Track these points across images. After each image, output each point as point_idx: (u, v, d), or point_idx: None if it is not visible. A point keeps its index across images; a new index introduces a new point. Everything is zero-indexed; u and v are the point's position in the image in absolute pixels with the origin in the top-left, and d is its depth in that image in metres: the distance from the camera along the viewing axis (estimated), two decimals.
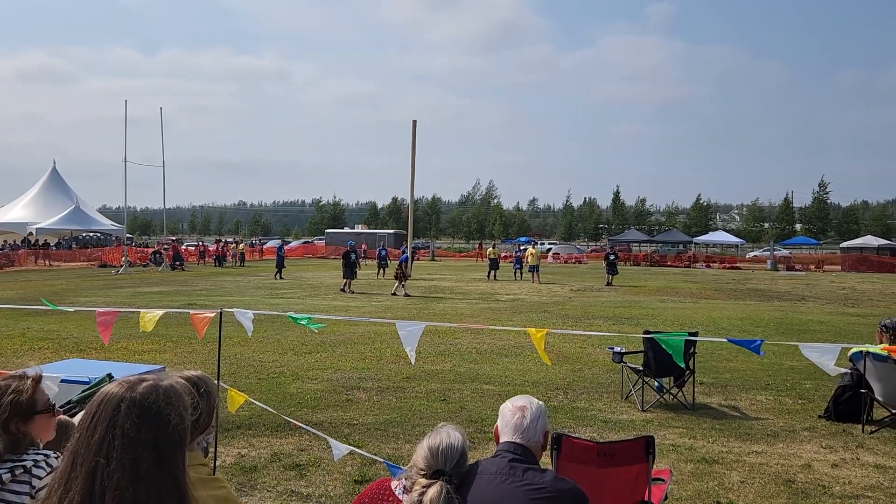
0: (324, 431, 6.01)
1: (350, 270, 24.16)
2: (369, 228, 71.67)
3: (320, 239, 63.90)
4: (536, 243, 37.43)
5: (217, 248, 42.79)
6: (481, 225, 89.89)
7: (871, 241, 50.76)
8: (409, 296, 21.56)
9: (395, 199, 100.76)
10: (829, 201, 77.09)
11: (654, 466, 4.83)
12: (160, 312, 5.59)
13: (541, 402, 2.69)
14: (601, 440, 5.54)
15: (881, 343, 7.13)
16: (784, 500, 5.01)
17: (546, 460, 3.65)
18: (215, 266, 39.55)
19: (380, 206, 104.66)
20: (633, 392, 7.93)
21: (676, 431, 6.76)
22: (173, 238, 51.00)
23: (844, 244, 53.96)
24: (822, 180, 75.75)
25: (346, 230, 67.18)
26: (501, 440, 2.60)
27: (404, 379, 9.03)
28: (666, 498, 3.96)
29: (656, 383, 8.04)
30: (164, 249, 39.24)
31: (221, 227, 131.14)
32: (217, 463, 5.41)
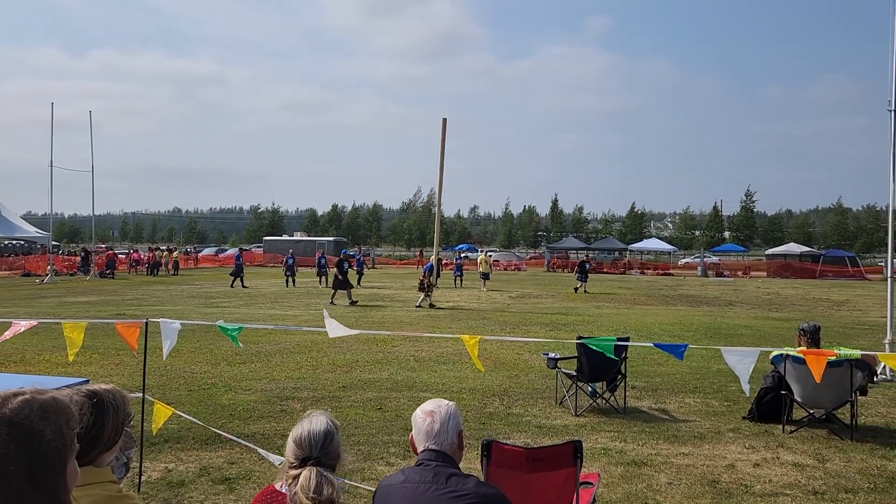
0: (256, 443, 5.89)
1: (345, 281, 22.01)
2: (309, 236, 70.80)
3: (258, 246, 62.72)
4: (488, 251, 37.78)
5: (150, 255, 41.39)
6: (422, 232, 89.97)
7: (794, 248, 53.01)
8: (433, 307, 20.37)
9: (335, 207, 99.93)
10: (755, 210, 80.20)
11: (584, 470, 4.91)
12: (84, 323, 5.38)
13: (451, 404, 2.71)
14: (535, 445, 5.61)
15: (800, 346, 7.45)
16: (709, 500, 5.17)
17: (477, 466, 3.67)
18: (148, 275, 38.38)
19: (320, 213, 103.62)
20: (567, 397, 8.05)
21: (608, 435, 6.89)
22: (104, 245, 49.26)
23: (769, 251, 56.18)
24: (748, 190, 78.81)
25: (285, 238, 66.17)
26: (418, 449, 2.63)
27: (340, 388, 8.94)
28: (594, 501, 4.03)
29: (589, 388, 8.20)
30: (96, 255, 37.86)
31: (155, 235, 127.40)
32: (142, 479, 5.24)
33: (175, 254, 43.73)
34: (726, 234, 76.95)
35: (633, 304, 23.23)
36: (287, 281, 30.17)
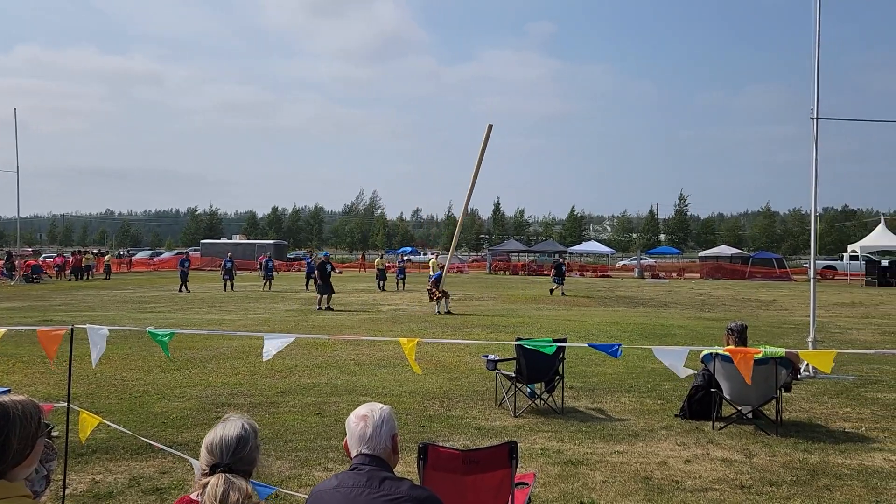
0: (188, 452, 5.73)
1: (327, 285, 21.01)
2: (248, 239, 69.51)
3: (195, 250, 61.20)
4: (438, 254, 37.64)
5: (75, 259, 39.59)
6: (364, 235, 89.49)
7: (725, 250, 54.80)
8: (450, 313, 19.70)
9: (275, 209, 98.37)
10: (689, 213, 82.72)
11: (521, 471, 4.97)
12: (2, 330, 5.14)
13: (385, 407, 2.71)
14: (473, 447, 5.64)
15: (728, 345, 7.71)
16: (642, 496, 5.29)
17: (413, 469, 3.67)
18: (76, 279, 36.96)
19: (260, 215, 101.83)
20: (506, 398, 8.12)
21: (546, 435, 6.99)
22: (30, 248, 47.21)
23: (702, 253, 57.94)
24: (682, 193, 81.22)
25: (224, 241, 64.84)
26: (352, 453, 2.62)
27: (278, 393, 8.81)
28: (529, 501, 4.08)
29: (528, 389, 8.29)
30: (21, 259, 36.24)
31: (86, 238, 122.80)
32: (66, 492, 5.04)
33: (107, 257, 42.29)
34: (662, 236, 79.11)
35: (572, 305, 23.62)
36: (225, 285, 29.55)
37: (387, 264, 33.07)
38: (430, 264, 27.20)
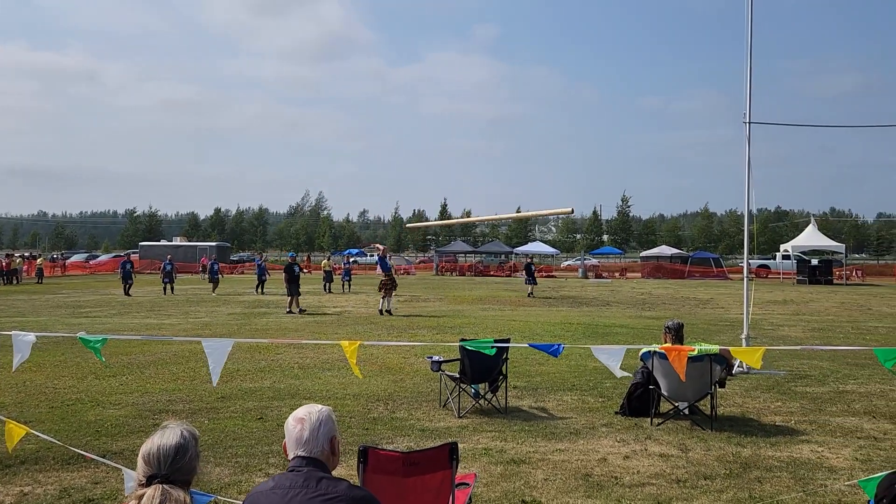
0: (123, 461, 5.57)
1: (295, 286, 20.68)
2: (190, 241, 67.95)
3: (134, 252, 59.49)
4: (390, 256, 37.44)
5: (2, 262, 37.87)
6: (310, 237, 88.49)
7: (665, 250, 56.29)
8: (390, 313, 19.67)
9: (218, 210, 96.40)
10: (631, 214, 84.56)
11: (463, 471, 5.00)
12: None
13: (324, 409, 2.69)
14: (417, 448, 5.64)
15: (665, 343, 7.91)
16: (581, 493, 5.39)
17: (355, 473, 3.65)
18: (3, 284, 35.43)
19: (202, 217, 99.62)
20: (450, 399, 8.15)
21: (489, 435, 7.04)
22: None
23: (644, 253, 59.37)
24: (624, 195, 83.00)
25: (164, 243, 63.29)
26: (289, 456, 2.60)
27: (219, 399, 8.63)
28: (470, 501, 4.10)
29: (472, 389, 8.34)
30: None
31: (16, 241, 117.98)
32: None
33: (39, 260, 40.73)
34: (605, 237, 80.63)
35: (517, 305, 23.86)
36: (165, 288, 28.81)
37: (333, 266, 32.76)
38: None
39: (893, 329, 17.06)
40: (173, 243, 60.67)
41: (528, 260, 32.15)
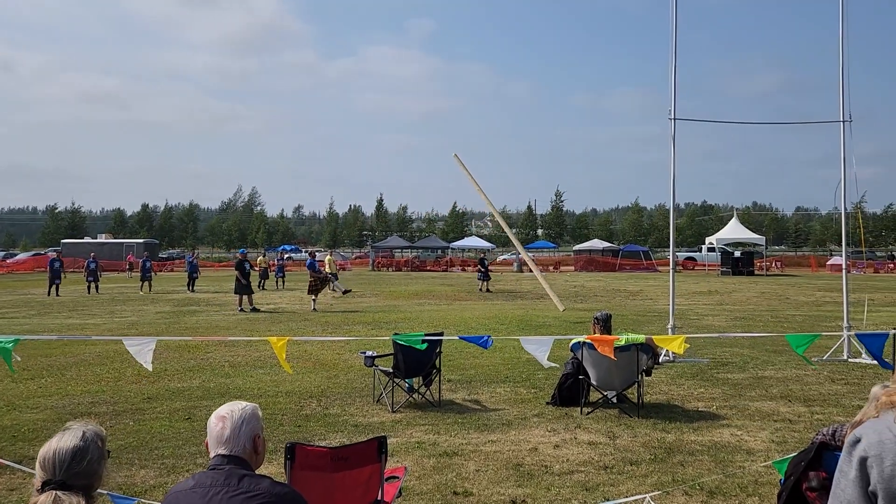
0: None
1: (247, 285, 19.85)
2: (115, 238, 65.52)
3: (56, 250, 56.96)
4: (333, 251, 36.86)
5: None
6: (243, 233, 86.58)
7: (597, 244, 57.52)
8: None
9: (145, 206, 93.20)
10: (564, 209, 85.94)
11: (396, 465, 5.01)
12: None
13: (249, 406, 2.66)
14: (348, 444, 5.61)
15: (595, 333, 8.10)
16: (512, 482, 5.47)
17: (283, 471, 3.61)
18: None
19: (129, 213, 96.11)
20: (384, 394, 8.14)
21: (423, 429, 7.07)
22: None
23: (577, 247, 60.55)
24: (557, 190, 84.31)
25: (88, 240, 60.84)
26: (211, 454, 2.55)
27: (145, 399, 8.38)
28: (400, 494, 4.12)
29: (406, 384, 8.34)
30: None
31: None
32: None
33: None
34: (539, 231, 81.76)
35: (453, 300, 23.99)
36: (89, 287, 27.72)
37: (270, 263, 32.14)
38: (326, 261, 25.12)
39: (809, 317, 17.94)
40: (98, 241, 58.44)
41: (482, 255, 32.28)
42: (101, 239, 60.45)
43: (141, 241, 59.95)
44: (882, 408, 1.63)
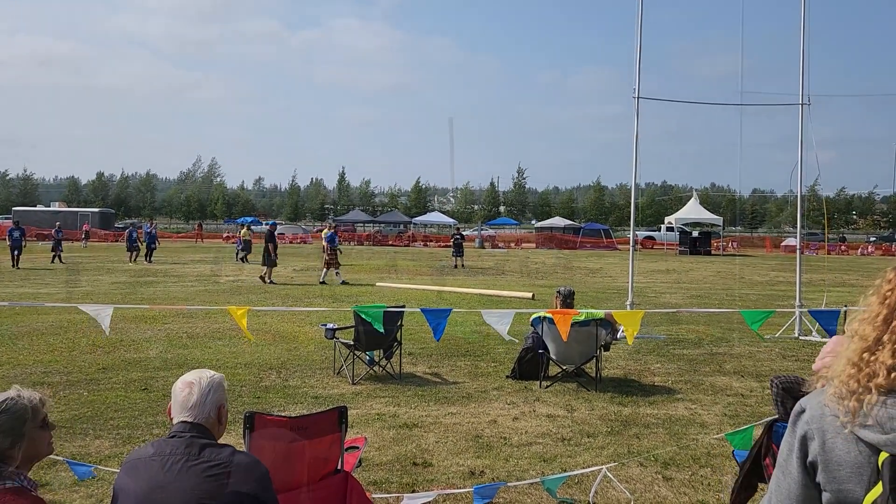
0: None
1: (274, 258, 19.93)
2: (70, 206, 63.80)
3: (7, 218, 55.22)
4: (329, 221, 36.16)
5: None
6: (202, 204, 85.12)
7: (559, 221, 58.02)
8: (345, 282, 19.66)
9: (100, 175, 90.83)
10: (526, 186, 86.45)
11: (354, 435, 5.01)
12: None
13: (216, 375, 2.62)
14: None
15: (556, 307, 8.19)
16: (472, 454, 5.53)
17: (242, 442, 3.58)
18: None
19: (83, 182, 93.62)
20: (344, 366, 8.13)
21: (383, 401, 7.09)
22: None
23: (538, 224, 61.06)
24: (519, 167, 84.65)
25: (40, 208, 59.15)
26: (174, 420, 2.51)
27: (100, 370, 8.23)
28: (360, 464, 4.13)
29: (367, 356, 8.35)
30: None
31: None
32: None
33: None
34: (502, 208, 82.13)
35: (415, 275, 23.98)
36: (53, 258, 26.96)
37: (252, 235, 31.55)
38: (322, 234, 24.71)
39: (763, 296, 18.42)
40: (51, 209, 56.83)
41: (456, 231, 32.04)
42: (55, 207, 58.78)
43: (96, 210, 58.52)
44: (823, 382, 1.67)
